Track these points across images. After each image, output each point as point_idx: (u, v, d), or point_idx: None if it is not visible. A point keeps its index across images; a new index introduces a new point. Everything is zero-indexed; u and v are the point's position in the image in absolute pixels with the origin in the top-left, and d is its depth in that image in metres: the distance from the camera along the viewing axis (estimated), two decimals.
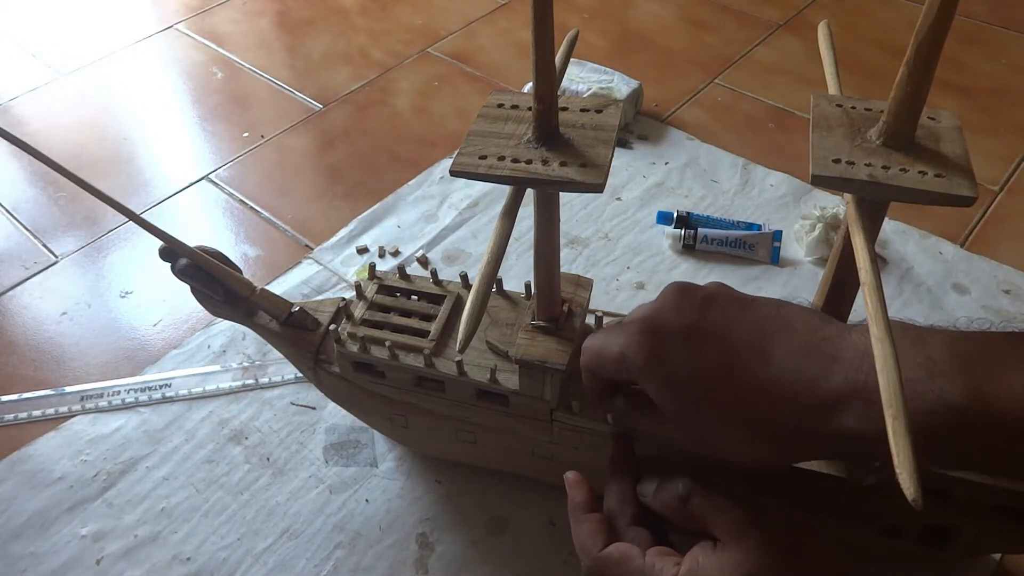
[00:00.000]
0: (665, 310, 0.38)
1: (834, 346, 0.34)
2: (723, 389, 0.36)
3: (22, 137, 0.41)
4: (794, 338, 0.35)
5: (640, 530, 0.40)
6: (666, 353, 0.37)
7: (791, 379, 0.34)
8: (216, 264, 0.47)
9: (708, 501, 0.38)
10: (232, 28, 1.08)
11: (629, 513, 0.41)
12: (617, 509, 0.42)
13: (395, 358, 0.48)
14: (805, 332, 0.35)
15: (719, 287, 0.39)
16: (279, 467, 0.58)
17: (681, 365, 0.37)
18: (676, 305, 0.38)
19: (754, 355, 0.35)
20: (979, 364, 0.32)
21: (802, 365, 0.34)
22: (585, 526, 0.40)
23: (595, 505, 0.42)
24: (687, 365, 0.37)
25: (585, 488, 0.42)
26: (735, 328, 0.37)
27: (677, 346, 0.37)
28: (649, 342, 0.37)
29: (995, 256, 0.73)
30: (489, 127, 0.39)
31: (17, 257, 0.76)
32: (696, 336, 0.37)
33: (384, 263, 0.74)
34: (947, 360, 0.32)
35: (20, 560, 0.54)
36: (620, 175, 0.82)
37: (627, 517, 0.41)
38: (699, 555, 0.37)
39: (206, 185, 0.84)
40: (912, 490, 0.26)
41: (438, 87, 0.96)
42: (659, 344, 0.37)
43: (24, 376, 0.66)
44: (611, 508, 0.42)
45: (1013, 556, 0.52)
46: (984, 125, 0.87)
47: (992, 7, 1.06)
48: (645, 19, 1.07)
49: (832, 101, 0.39)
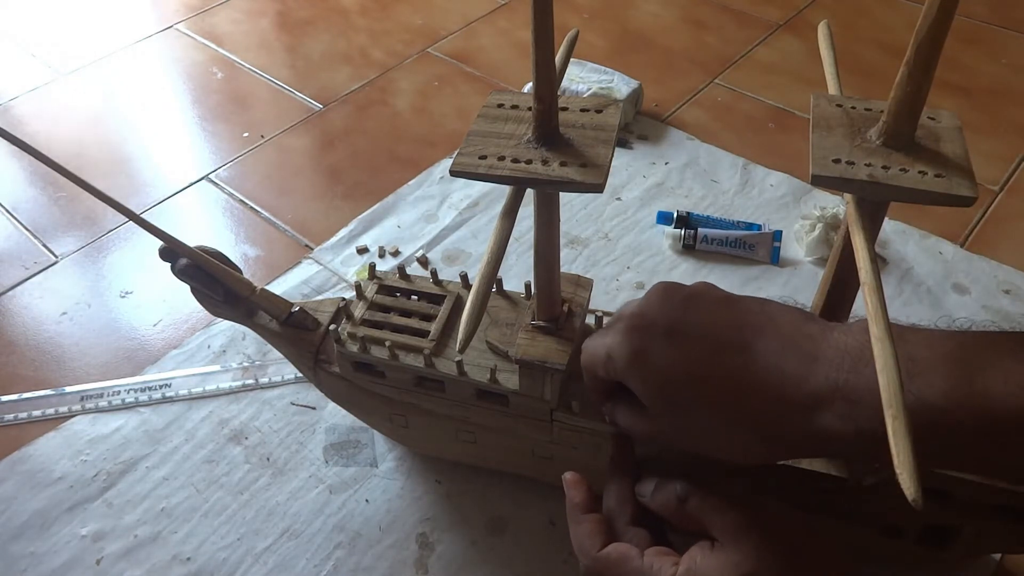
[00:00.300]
0: (648, 308, 0.38)
1: (816, 344, 0.34)
2: (706, 386, 0.36)
3: (22, 137, 0.41)
4: (777, 335, 0.35)
5: (639, 530, 0.40)
6: (649, 351, 0.37)
7: (773, 376, 0.34)
8: (216, 264, 0.47)
9: (706, 502, 0.38)
10: (232, 28, 1.08)
11: (628, 513, 0.41)
12: (616, 509, 0.42)
13: (395, 358, 0.48)
14: (788, 329, 0.35)
15: (704, 286, 0.39)
16: (279, 467, 0.58)
17: (663, 362, 0.37)
18: (659, 303, 0.38)
19: (736, 352, 0.35)
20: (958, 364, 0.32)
21: (784, 363, 0.34)
22: (584, 527, 0.40)
23: (594, 505, 0.42)
24: (669, 362, 0.37)
25: (584, 488, 0.42)
26: (718, 325, 0.37)
27: (660, 343, 0.37)
28: (632, 340, 0.38)
29: (995, 256, 0.73)
30: (489, 127, 0.39)
31: (17, 257, 0.76)
32: (679, 333, 0.37)
33: (384, 263, 0.74)
34: (926, 359, 0.32)
35: (20, 560, 0.54)
36: (620, 175, 0.82)
37: (626, 517, 0.41)
38: (697, 555, 0.37)
39: (206, 185, 0.84)
40: (912, 490, 0.26)
41: (438, 87, 0.96)
42: (642, 341, 0.37)
43: (24, 376, 0.66)
44: (610, 508, 0.42)
45: (1013, 556, 0.52)
46: (984, 125, 0.87)
47: (992, 7, 1.06)
48: (645, 19, 1.07)
49: (832, 101, 0.39)
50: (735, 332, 0.36)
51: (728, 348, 0.36)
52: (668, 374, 0.37)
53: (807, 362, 0.34)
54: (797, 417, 0.34)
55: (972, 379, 0.31)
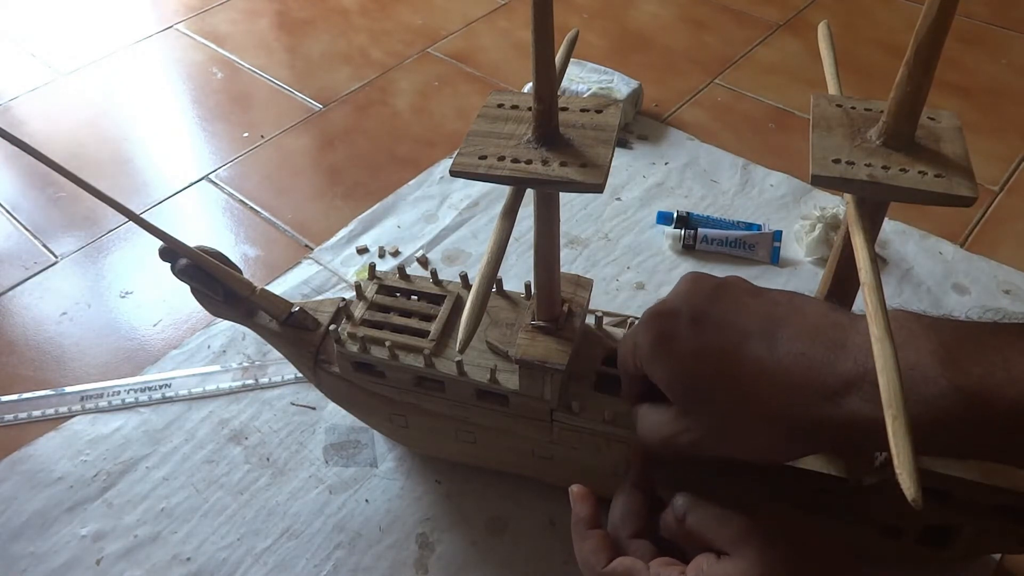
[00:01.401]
0: (676, 296, 0.38)
1: (844, 332, 0.34)
2: (730, 374, 0.35)
3: (22, 137, 0.41)
4: (803, 323, 0.35)
5: (643, 542, 0.40)
6: (673, 337, 0.37)
7: (798, 363, 0.34)
8: (216, 264, 0.47)
9: (707, 513, 0.38)
10: (232, 28, 1.08)
11: (632, 526, 0.41)
12: (620, 522, 0.41)
13: (395, 358, 0.48)
14: (815, 318, 0.35)
15: (733, 278, 0.39)
16: (279, 467, 0.58)
17: (687, 349, 0.36)
18: (687, 291, 0.38)
19: (762, 340, 0.35)
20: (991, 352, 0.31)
21: (810, 349, 0.34)
22: (589, 543, 0.40)
23: (599, 521, 0.42)
24: (693, 349, 0.36)
25: (590, 503, 0.42)
26: (744, 314, 0.36)
27: (684, 330, 0.37)
28: (657, 324, 0.38)
29: (995, 256, 0.73)
30: (489, 127, 0.39)
31: (17, 257, 0.76)
32: (704, 321, 0.37)
33: (384, 263, 0.74)
34: (959, 347, 0.32)
35: (20, 560, 0.54)
36: (620, 175, 0.82)
37: (629, 529, 0.41)
38: (703, 563, 0.37)
39: (206, 185, 0.84)
40: (912, 490, 0.25)
41: (438, 87, 0.96)
42: (666, 327, 0.37)
43: (24, 376, 0.66)
44: (615, 521, 0.42)
45: (1013, 556, 0.52)
46: (984, 125, 0.87)
47: (992, 7, 1.06)
48: (645, 19, 1.07)
49: (832, 101, 0.39)
50: (761, 321, 0.36)
51: (753, 336, 0.35)
52: (692, 361, 0.37)
53: (834, 349, 0.33)
54: (824, 403, 0.33)
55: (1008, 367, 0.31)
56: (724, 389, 0.36)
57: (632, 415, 0.44)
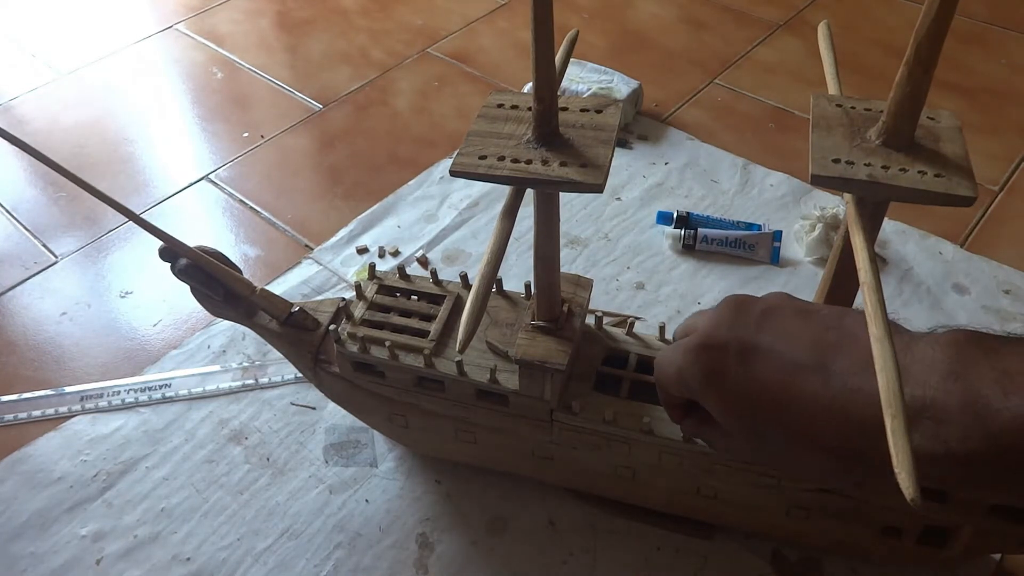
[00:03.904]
0: (720, 325, 0.37)
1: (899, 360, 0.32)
2: (784, 410, 0.34)
3: (22, 137, 0.41)
4: (856, 352, 0.33)
5: None
6: (722, 372, 0.36)
7: (853, 397, 0.32)
8: (216, 264, 0.47)
9: None
10: (232, 28, 1.08)
11: None
12: None
13: (395, 358, 0.48)
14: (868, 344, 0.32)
15: (777, 299, 0.37)
16: (279, 467, 0.58)
17: (738, 385, 0.35)
18: (731, 320, 0.37)
19: (813, 372, 0.34)
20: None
21: (864, 383, 0.32)
22: None
23: None
24: (744, 385, 0.35)
25: None
26: (793, 343, 0.35)
27: (733, 364, 0.35)
28: (704, 360, 0.36)
29: (995, 256, 0.73)
30: (489, 127, 0.39)
31: (17, 257, 0.76)
32: (752, 353, 0.35)
33: (384, 263, 0.74)
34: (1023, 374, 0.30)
35: (20, 560, 0.54)
36: (620, 175, 0.82)
37: None
38: None
39: (206, 185, 0.84)
40: (911, 490, 0.25)
41: (438, 87, 0.96)
42: (714, 362, 0.36)
43: (24, 376, 0.66)
44: None
45: (1013, 556, 0.52)
46: (984, 125, 0.87)
47: (992, 7, 1.06)
48: (645, 19, 1.07)
49: (832, 101, 0.39)
50: (812, 350, 0.34)
51: (804, 369, 0.34)
52: (744, 398, 0.35)
53: None
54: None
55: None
56: (778, 423, 0.35)
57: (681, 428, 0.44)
